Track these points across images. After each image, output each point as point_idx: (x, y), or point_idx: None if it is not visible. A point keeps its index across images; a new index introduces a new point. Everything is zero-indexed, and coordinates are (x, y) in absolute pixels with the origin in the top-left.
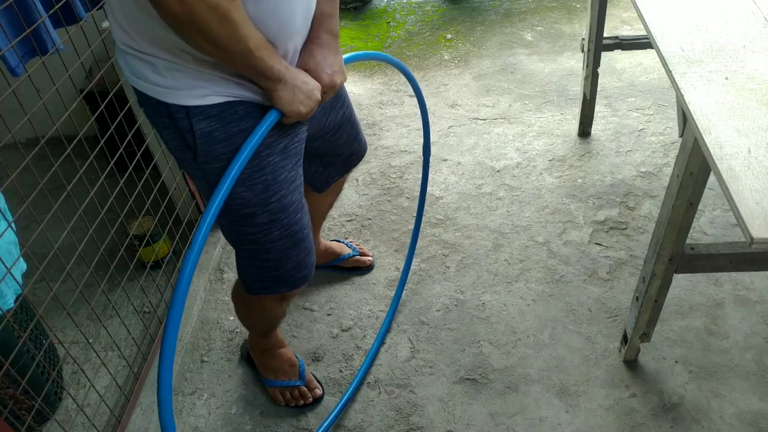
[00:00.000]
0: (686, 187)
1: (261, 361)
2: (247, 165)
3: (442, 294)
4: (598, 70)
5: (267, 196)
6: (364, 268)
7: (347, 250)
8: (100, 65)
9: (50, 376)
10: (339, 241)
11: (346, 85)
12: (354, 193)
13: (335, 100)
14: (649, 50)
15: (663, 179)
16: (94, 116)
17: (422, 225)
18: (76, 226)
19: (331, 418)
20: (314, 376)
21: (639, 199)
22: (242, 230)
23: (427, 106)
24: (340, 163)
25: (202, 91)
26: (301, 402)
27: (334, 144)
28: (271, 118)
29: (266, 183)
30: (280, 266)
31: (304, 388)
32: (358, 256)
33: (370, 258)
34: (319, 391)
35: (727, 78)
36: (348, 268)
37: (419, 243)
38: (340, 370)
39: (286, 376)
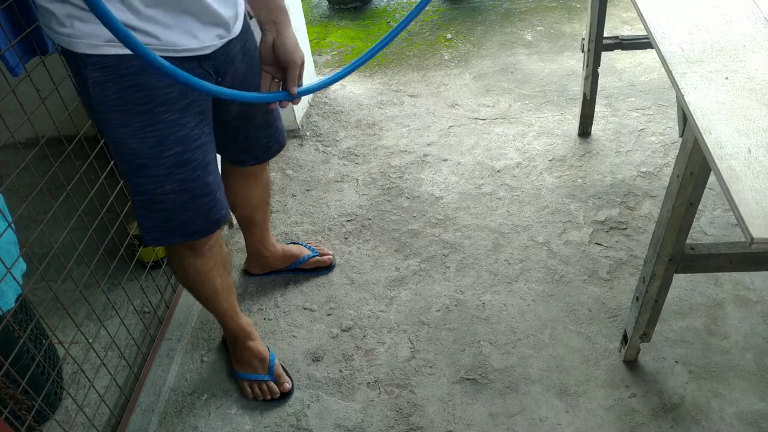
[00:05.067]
0: (686, 187)
1: (233, 352)
2: (139, 119)
3: (442, 294)
4: (598, 70)
5: (160, 150)
6: (325, 268)
7: (306, 252)
8: None
9: (50, 376)
10: (297, 244)
11: (346, 84)
12: (354, 193)
13: (250, 81)
14: (649, 50)
15: (663, 179)
16: None
17: (422, 225)
18: (76, 226)
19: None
20: (285, 370)
21: (639, 199)
22: (136, 180)
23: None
24: (258, 149)
25: (96, 40)
26: (269, 396)
27: (248, 123)
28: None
29: (160, 138)
30: (171, 218)
31: (272, 384)
32: (318, 257)
33: (330, 257)
34: (288, 386)
35: (727, 78)
36: (309, 269)
37: (419, 243)
38: (340, 370)
39: (254, 371)
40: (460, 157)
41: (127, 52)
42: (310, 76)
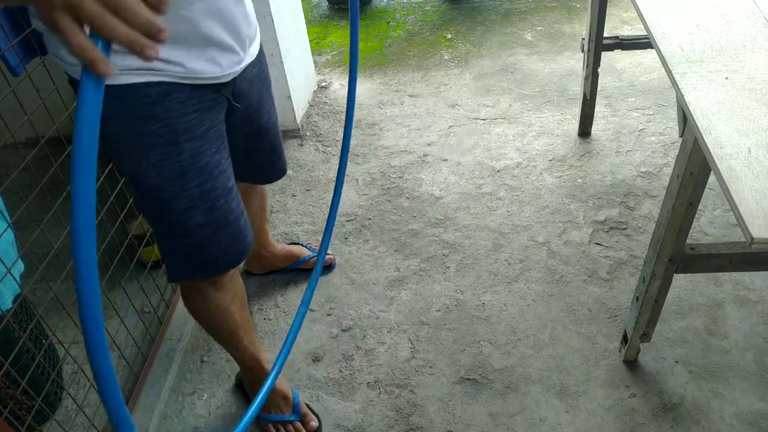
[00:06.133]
0: (686, 187)
1: (253, 394)
2: (160, 150)
3: (442, 294)
4: (598, 70)
5: (183, 183)
6: (325, 268)
7: (307, 252)
8: None
9: (50, 376)
10: (298, 244)
11: (346, 84)
12: (354, 193)
13: (263, 104)
14: (649, 50)
15: (663, 179)
16: None
17: (422, 225)
18: None
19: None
20: (310, 408)
21: (639, 199)
22: (159, 216)
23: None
24: (256, 172)
25: None
26: None
27: (254, 148)
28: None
29: (182, 169)
30: (200, 251)
31: (299, 424)
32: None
33: (331, 257)
34: (314, 424)
35: (727, 78)
36: (309, 269)
37: (419, 243)
38: (340, 370)
39: (279, 410)
40: (460, 157)
41: (142, 80)
42: (309, 76)
